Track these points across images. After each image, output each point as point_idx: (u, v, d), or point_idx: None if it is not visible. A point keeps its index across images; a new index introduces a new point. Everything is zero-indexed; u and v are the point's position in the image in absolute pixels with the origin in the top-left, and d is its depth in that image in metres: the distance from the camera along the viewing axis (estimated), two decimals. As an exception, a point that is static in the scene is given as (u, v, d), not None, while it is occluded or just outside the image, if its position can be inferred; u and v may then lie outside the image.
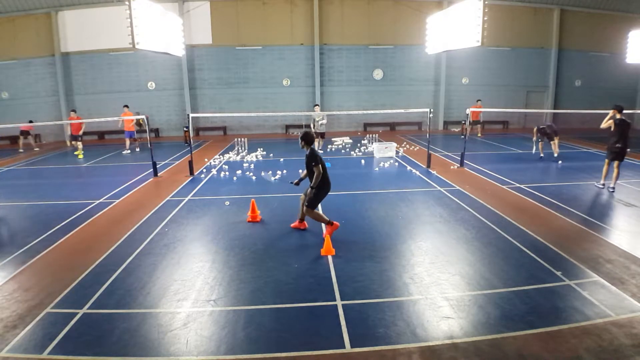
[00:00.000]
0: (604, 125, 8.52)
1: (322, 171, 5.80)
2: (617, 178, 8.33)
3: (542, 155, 12.59)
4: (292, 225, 6.38)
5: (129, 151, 14.99)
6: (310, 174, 5.92)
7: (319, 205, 6.48)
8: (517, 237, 5.80)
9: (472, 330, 3.64)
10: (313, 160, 5.76)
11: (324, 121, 13.35)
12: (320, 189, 5.88)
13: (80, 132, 14.28)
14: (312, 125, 13.42)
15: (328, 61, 19.51)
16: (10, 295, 4.42)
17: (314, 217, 5.97)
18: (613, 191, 8.28)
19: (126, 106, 14.90)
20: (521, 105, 20.50)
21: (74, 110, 14.96)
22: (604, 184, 8.56)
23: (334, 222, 5.86)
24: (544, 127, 12.23)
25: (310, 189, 5.89)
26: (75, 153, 13.89)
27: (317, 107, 13.67)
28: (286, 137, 18.78)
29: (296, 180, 6.26)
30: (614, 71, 20.47)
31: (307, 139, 5.90)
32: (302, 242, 5.83)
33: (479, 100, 17.47)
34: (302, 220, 6.30)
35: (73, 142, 14.14)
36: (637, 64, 15.97)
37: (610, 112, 8.35)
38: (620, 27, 19.37)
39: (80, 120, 14.07)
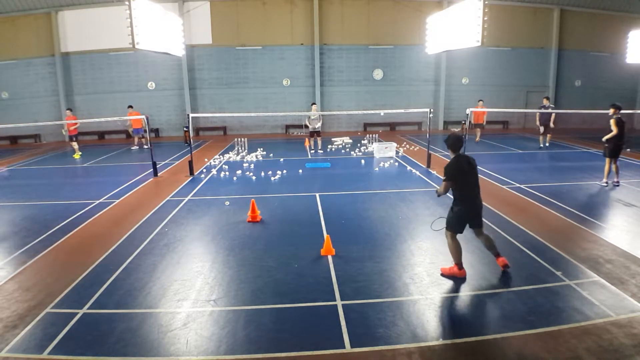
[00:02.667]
0: (613, 132, 8.54)
1: (455, 186, 4.65)
2: (618, 172, 8.77)
3: (541, 145, 13.63)
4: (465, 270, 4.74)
5: (137, 147, 15.45)
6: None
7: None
8: (517, 237, 5.80)
9: (472, 330, 3.64)
10: (444, 171, 4.66)
11: (319, 123, 13.39)
12: (459, 206, 4.66)
13: (75, 132, 14.03)
14: (307, 123, 13.45)
15: (328, 61, 19.50)
16: (10, 295, 4.43)
17: (448, 243, 4.79)
18: (618, 185, 8.62)
19: (130, 106, 15.18)
20: (521, 105, 20.49)
21: (70, 109, 14.90)
22: (607, 182, 8.71)
23: (463, 269, 4.65)
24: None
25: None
26: (74, 156, 13.85)
27: (314, 105, 13.67)
28: (286, 137, 18.78)
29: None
30: (614, 71, 20.46)
31: (449, 143, 4.75)
32: (302, 242, 5.82)
33: (481, 100, 16.39)
34: (498, 255, 4.79)
35: (72, 143, 14.06)
36: (637, 64, 15.96)
37: (612, 122, 8.52)
38: (620, 27, 19.35)
39: (74, 120, 14.00)
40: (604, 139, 8.74)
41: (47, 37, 18.21)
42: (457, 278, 4.62)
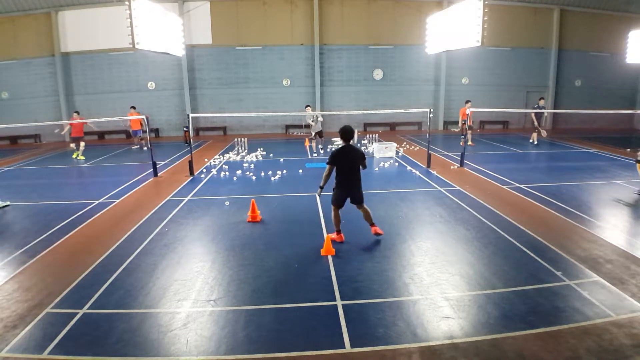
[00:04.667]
0: None
1: (331, 170, 5.59)
2: None
3: (533, 142, 14.46)
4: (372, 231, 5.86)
5: (137, 146, 15.58)
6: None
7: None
8: (517, 237, 5.80)
9: (472, 330, 3.64)
10: (328, 157, 5.59)
11: (320, 119, 13.32)
12: (337, 188, 5.66)
13: (80, 134, 14.06)
14: (311, 123, 13.43)
15: (328, 61, 19.51)
16: (10, 295, 4.43)
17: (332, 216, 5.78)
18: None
19: (133, 107, 15.21)
20: (521, 105, 20.50)
21: (77, 112, 14.91)
22: None
23: (341, 234, 5.74)
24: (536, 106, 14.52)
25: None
26: (74, 156, 13.86)
27: (308, 107, 13.61)
28: (286, 137, 18.78)
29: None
30: (614, 71, 20.46)
31: (340, 134, 5.68)
32: (302, 242, 5.83)
33: (469, 101, 14.60)
34: (372, 224, 5.87)
35: (72, 144, 14.05)
36: (637, 64, 15.98)
37: None
38: (620, 27, 19.36)
39: (82, 121, 14.01)
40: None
41: (47, 37, 18.21)
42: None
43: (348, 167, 5.57)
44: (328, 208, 7.34)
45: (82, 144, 13.89)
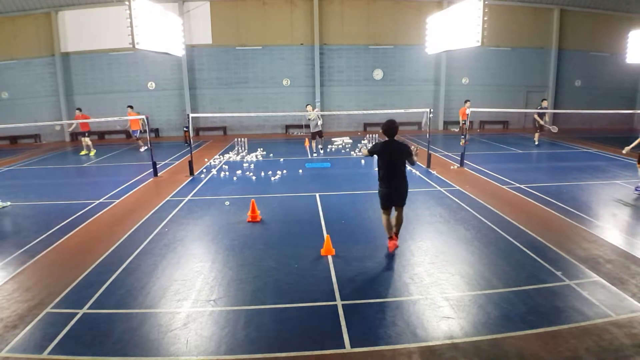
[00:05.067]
0: (635, 143, 8.18)
1: (368, 154, 5.54)
2: None
3: (535, 141, 14.52)
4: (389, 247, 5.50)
5: (145, 147, 15.20)
6: None
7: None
8: (517, 237, 5.80)
9: (472, 330, 3.64)
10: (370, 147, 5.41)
11: (320, 122, 13.30)
12: (380, 186, 5.38)
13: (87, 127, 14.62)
14: (310, 125, 13.41)
15: (328, 61, 19.50)
16: (10, 295, 4.43)
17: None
18: None
19: (130, 107, 15.08)
20: (521, 105, 20.49)
21: (79, 109, 14.92)
22: None
23: (394, 240, 5.44)
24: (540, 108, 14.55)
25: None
26: (82, 153, 14.18)
27: (309, 106, 13.59)
28: (286, 137, 18.78)
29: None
30: (614, 71, 20.45)
31: (383, 130, 5.50)
32: (302, 242, 5.83)
33: (468, 100, 14.78)
34: (393, 236, 5.52)
35: (82, 140, 14.59)
36: (637, 64, 15.97)
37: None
38: (620, 27, 19.36)
39: (87, 120, 14.16)
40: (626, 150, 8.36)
41: (47, 37, 18.20)
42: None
43: (391, 162, 5.29)
44: (328, 208, 7.41)
45: (86, 139, 14.31)
